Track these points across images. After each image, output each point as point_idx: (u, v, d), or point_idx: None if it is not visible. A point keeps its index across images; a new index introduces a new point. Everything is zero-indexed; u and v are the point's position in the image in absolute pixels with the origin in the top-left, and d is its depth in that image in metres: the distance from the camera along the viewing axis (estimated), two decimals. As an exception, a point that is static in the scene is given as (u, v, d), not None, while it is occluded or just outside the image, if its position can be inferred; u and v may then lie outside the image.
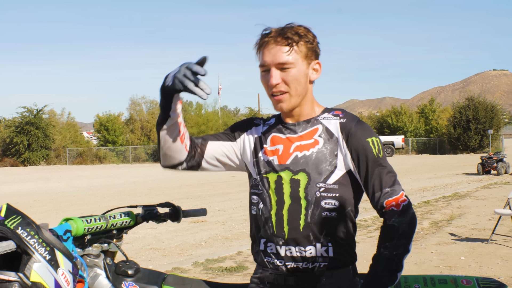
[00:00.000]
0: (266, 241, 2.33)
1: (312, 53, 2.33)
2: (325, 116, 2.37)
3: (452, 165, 34.45)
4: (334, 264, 2.27)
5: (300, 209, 2.26)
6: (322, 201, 2.25)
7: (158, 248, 9.81)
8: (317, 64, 2.36)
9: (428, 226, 11.49)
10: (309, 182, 2.27)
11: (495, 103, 58.87)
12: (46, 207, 16.84)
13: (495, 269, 7.72)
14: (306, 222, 2.25)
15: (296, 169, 2.30)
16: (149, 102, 70.40)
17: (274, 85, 2.28)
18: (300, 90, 2.31)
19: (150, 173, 35.00)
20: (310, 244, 2.25)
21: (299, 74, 2.28)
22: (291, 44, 2.26)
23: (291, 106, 2.33)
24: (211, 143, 2.46)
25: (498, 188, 19.63)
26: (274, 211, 2.30)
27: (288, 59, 2.25)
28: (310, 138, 2.34)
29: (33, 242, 1.94)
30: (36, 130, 56.48)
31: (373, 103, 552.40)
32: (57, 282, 1.96)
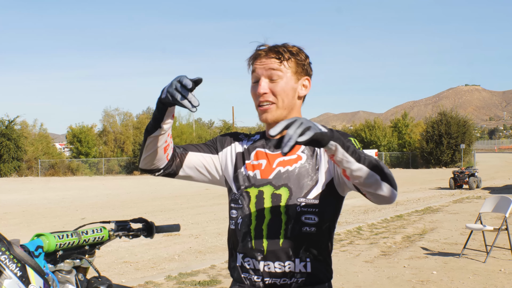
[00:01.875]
0: (244, 256, 2.32)
1: (302, 71, 2.37)
2: None
3: (425, 180, 34.77)
4: (312, 280, 2.26)
5: (280, 223, 2.25)
6: (302, 216, 2.25)
7: (131, 262, 9.73)
8: (306, 80, 2.39)
9: (401, 240, 11.56)
10: (290, 197, 2.27)
11: (467, 118, 59.59)
12: (17, 219, 16.63)
13: (466, 284, 7.79)
14: (285, 237, 2.24)
15: (278, 183, 2.31)
16: (122, 114, 70.12)
17: (262, 94, 2.31)
18: (287, 103, 2.33)
19: (123, 186, 34.80)
20: (289, 259, 2.24)
21: (287, 87, 2.32)
22: (281, 59, 2.31)
23: (276, 118, 2.34)
24: (191, 154, 2.46)
25: (470, 202, 19.82)
26: (253, 226, 2.30)
27: (278, 68, 2.30)
28: (293, 153, 2.35)
29: (4, 259, 1.92)
30: (7, 141, 55.84)
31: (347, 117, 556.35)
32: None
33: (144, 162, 2.41)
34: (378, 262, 9.34)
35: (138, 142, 59.90)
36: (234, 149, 2.49)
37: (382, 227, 13.43)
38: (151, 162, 2.40)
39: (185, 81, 2.02)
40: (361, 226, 13.50)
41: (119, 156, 63.71)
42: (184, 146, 2.48)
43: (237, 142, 2.51)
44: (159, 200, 22.08)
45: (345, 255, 9.90)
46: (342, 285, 7.69)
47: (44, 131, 67.56)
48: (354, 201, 20.59)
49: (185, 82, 2.02)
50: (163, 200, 21.67)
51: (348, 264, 9.06)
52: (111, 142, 66.68)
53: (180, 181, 38.98)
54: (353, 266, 8.94)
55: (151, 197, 24.17)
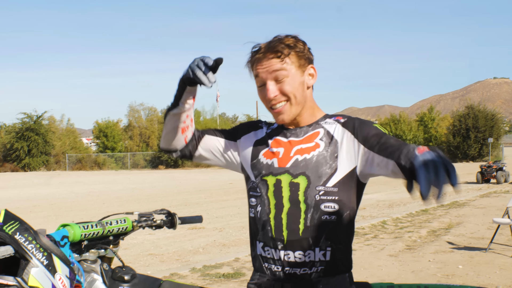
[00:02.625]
0: (264, 245, 2.31)
1: (305, 61, 2.33)
2: (327, 121, 2.38)
3: (451, 174, 34.40)
4: (332, 269, 2.25)
5: (300, 213, 2.24)
6: (321, 205, 2.23)
7: (156, 254, 9.82)
8: (311, 68, 2.37)
9: (426, 234, 11.49)
10: (308, 186, 2.25)
11: (495, 111, 58.86)
12: (45, 212, 16.85)
13: (493, 278, 7.72)
14: (305, 226, 2.23)
15: (296, 172, 2.29)
16: (147, 109, 70.66)
17: (272, 98, 2.29)
18: (300, 99, 2.31)
19: (149, 180, 35.03)
20: (309, 248, 2.23)
21: (295, 83, 2.29)
22: (282, 57, 2.27)
23: (292, 116, 2.34)
24: (208, 137, 2.49)
25: (498, 197, 19.63)
26: (272, 215, 2.29)
27: (281, 68, 2.27)
28: (311, 141, 2.33)
29: (31, 248, 1.97)
30: (36, 136, 56.58)
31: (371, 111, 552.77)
32: (54, 286, 1.98)
33: (164, 141, 2.48)
34: (403, 256, 9.30)
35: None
36: (254, 137, 2.49)
37: (407, 221, 13.36)
38: (169, 142, 2.45)
39: (207, 59, 2.10)
40: (385, 220, 13.44)
41: (145, 151, 64.14)
42: (203, 130, 2.52)
43: (257, 130, 2.51)
44: (183, 194, 22.19)
45: (369, 249, 9.87)
46: (366, 278, 7.68)
47: (71, 126, 68.30)
48: (378, 195, 20.54)
49: (207, 60, 2.10)
50: (187, 194, 21.77)
51: (372, 258, 9.03)
52: (137, 136, 67.17)
53: (204, 175, 39.15)
54: (377, 260, 8.91)
55: (175, 191, 24.29)
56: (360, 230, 11.82)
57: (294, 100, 2.30)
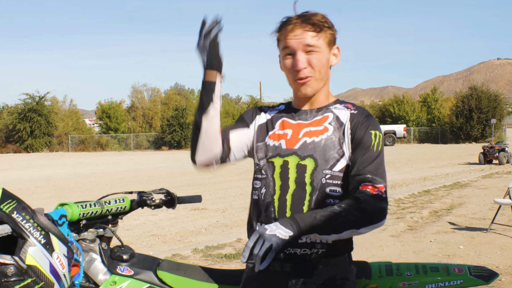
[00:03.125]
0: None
1: (333, 40, 2.38)
2: (337, 106, 2.40)
3: (454, 155, 34.43)
4: (332, 251, 2.26)
5: (305, 195, 2.25)
6: (327, 188, 2.25)
7: (159, 235, 9.85)
8: (336, 49, 2.40)
9: (428, 215, 11.51)
10: (315, 168, 2.26)
11: (499, 92, 58.65)
12: (48, 193, 16.90)
13: (493, 258, 7.74)
14: (309, 208, 2.24)
15: (304, 154, 2.30)
16: (150, 90, 70.65)
17: (301, 69, 2.30)
18: (323, 75, 2.35)
19: (152, 161, 35.09)
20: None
21: (324, 59, 2.32)
22: (318, 30, 2.29)
23: (315, 91, 2.36)
24: (232, 135, 2.43)
25: (500, 177, 19.62)
26: (277, 196, 2.29)
27: (315, 43, 2.29)
28: (320, 124, 2.35)
29: (28, 226, 1.97)
30: (38, 117, 56.57)
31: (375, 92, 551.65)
32: (52, 265, 1.99)
33: (200, 153, 2.38)
34: (405, 236, 9.33)
35: (166, 117, 60.07)
36: (259, 121, 2.49)
37: (409, 202, 13.38)
38: (208, 149, 2.35)
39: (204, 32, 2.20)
40: (388, 200, 13.45)
41: (148, 132, 64.17)
42: (224, 129, 2.44)
43: (262, 113, 2.51)
44: (186, 175, 22.21)
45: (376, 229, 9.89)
46: (367, 258, 7.70)
47: (74, 107, 68.28)
48: (381, 176, 20.52)
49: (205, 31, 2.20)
50: (190, 175, 21.79)
51: (374, 239, 9.05)
52: (140, 117, 67.19)
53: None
54: (379, 240, 8.94)
55: (178, 172, 24.33)
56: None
57: (318, 75, 2.33)
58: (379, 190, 2.19)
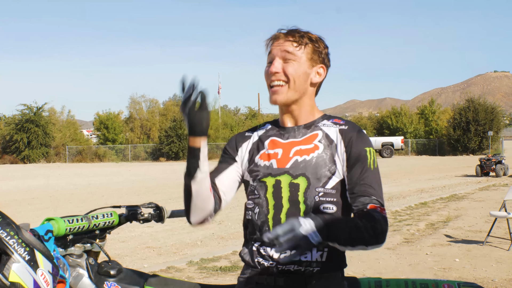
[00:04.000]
0: (260, 245, 2.31)
1: (318, 58, 2.37)
2: (325, 123, 2.39)
3: (451, 167, 34.44)
4: (326, 269, 2.25)
5: (299, 213, 2.25)
6: (320, 206, 2.24)
7: (154, 247, 9.82)
8: (321, 68, 2.40)
9: (424, 227, 11.50)
10: (308, 187, 2.26)
11: (496, 104, 58.79)
12: (44, 204, 16.84)
13: (489, 271, 7.73)
14: None
15: (295, 173, 2.29)
16: (148, 101, 70.56)
17: (274, 73, 2.31)
18: (298, 86, 2.32)
19: (149, 172, 35.04)
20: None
21: (300, 70, 2.32)
22: (300, 42, 2.32)
23: (286, 99, 2.34)
24: (219, 181, 2.43)
25: (496, 190, 19.62)
26: (271, 215, 2.29)
27: (294, 51, 2.31)
28: (310, 143, 2.34)
29: (12, 242, 1.95)
30: (36, 128, 56.48)
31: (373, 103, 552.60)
32: (36, 282, 1.97)
33: (194, 214, 2.41)
34: (401, 249, 9.31)
35: (164, 128, 60.03)
36: (247, 146, 2.48)
37: (406, 214, 13.37)
38: (201, 211, 2.38)
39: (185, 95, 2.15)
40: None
41: (146, 143, 64.11)
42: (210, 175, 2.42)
43: (246, 140, 2.50)
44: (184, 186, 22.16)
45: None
46: (363, 271, 7.68)
47: (72, 118, 68.24)
48: (378, 188, 20.52)
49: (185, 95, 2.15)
50: (188, 187, 21.73)
51: (370, 251, 8.97)
52: (138, 128, 67.14)
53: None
54: (374, 253, 8.91)
55: (176, 183, 24.27)
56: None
57: (292, 85, 2.32)
58: (385, 213, 2.23)
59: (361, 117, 79.41)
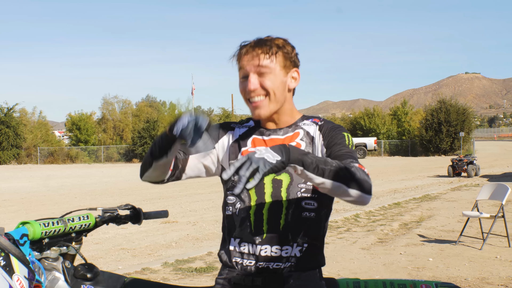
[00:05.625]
0: (240, 241, 2.33)
1: (290, 63, 2.37)
2: (305, 123, 2.43)
3: (424, 167, 34.73)
4: (304, 265, 2.28)
5: (281, 208, 2.28)
6: (302, 202, 2.28)
7: (128, 249, 9.76)
8: (295, 72, 2.40)
9: (398, 227, 11.58)
10: (291, 183, 2.29)
11: (467, 106, 59.35)
12: (16, 206, 16.65)
13: (462, 270, 7.81)
14: (286, 222, 2.27)
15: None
16: (121, 102, 70.21)
17: (252, 90, 2.30)
18: (278, 96, 2.33)
19: (122, 173, 34.81)
20: (288, 243, 2.27)
21: (277, 81, 2.32)
22: (270, 52, 2.30)
23: (269, 112, 2.35)
24: (192, 157, 2.48)
25: (468, 190, 19.82)
26: (253, 211, 2.31)
27: (268, 64, 2.30)
28: (292, 141, 2.37)
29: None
30: (6, 129, 55.77)
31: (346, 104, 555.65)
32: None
33: (147, 178, 2.52)
34: (375, 249, 9.36)
35: (137, 129, 59.69)
36: (229, 138, 2.50)
37: (380, 215, 13.45)
38: (155, 179, 2.50)
39: (201, 121, 2.11)
40: (358, 213, 13.51)
41: (118, 144, 63.72)
42: (184, 149, 2.47)
43: (230, 131, 2.52)
44: (157, 188, 22.03)
45: (341, 242, 9.91)
46: (338, 271, 7.71)
47: (43, 119, 67.53)
48: (352, 188, 20.62)
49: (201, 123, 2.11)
50: (161, 188, 21.65)
51: (344, 251, 9.08)
52: (110, 129, 66.72)
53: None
54: (349, 253, 8.96)
55: (149, 185, 23.93)
56: (333, 224, 11.87)
57: (273, 97, 2.32)
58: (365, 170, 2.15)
59: (334, 118, 79.78)
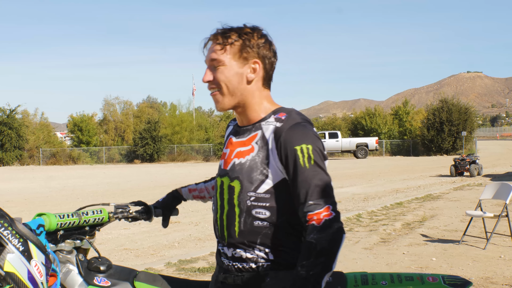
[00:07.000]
0: (218, 241, 2.39)
1: (251, 53, 2.28)
2: (268, 121, 2.29)
3: (426, 167, 34.70)
4: (277, 266, 2.24)
5: (235, 216, 2.26)
6: (252, 210, 2.22)
7: (131, 249, 9.78)
8: (256, 63, 2.29)
9: (400, 227, 11.59)
10: (241, 190, 2.25)
11: (469, 105, 59.26)
12: (19, 207, 16.68)
13: (466, 270, 7.82)
14: (239, 229, 2.25)
15: (233, 175, 2.29)
16: (122, 103, 70.31)
17: (205, 82, 2.31)
18: (232, 89, 2.28)
19: (124, 174, 34.84)
20: (247, 249, 2.26)
21: (229, 73, 2.26)
22: (224, 43, 2.26)
23: (226, 106, 2.31)
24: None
25: (471, 189, 19.82)
26: (218, 215, 2.34)
27: (218, 57, 2.26)
28: (249, 144, 2.30)
29: (6, 234, 1.97)
30: (9, 130, 55.78)
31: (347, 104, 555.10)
32: (30, 272, 1.99)
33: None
34: (377, 249, 9.37)
35: (138, 130, 59.69)
36: (225, 137, 2.55)
37: (382, 214, 13.46)
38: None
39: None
40: (361, 213, 13.52)
41: (120, 145, 63.76)
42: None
43: (227, 129, 2.56)
44: (159, 188, 22.08)
45: (344, 242, 9.90)
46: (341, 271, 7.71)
47: (45, 120, 67.54)
48: (354, 188, 20.65)
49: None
50: (163, 188, 21.65)
51: (347, 251, 9.09)
52: (112, 130, 66.79)
53: (180, 170, 39.02)
54: (352, 253, 8.98)
55: (151, 185, 24.21)
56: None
57: (225, 90, 2.28)
58: (325, 216, 2.10)
59: (335, 118, 79.66)
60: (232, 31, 2.28)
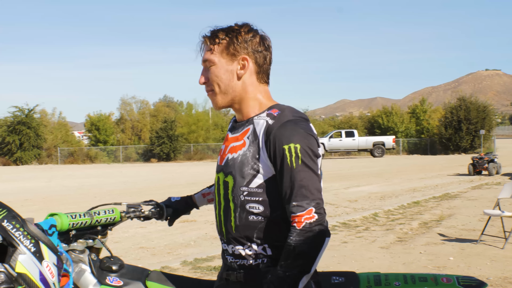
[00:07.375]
0: (220, 239, 2.41)
1: (238, 49, 2.29)
2: (261, 116, 2.30)
3: (443, 166, 34.50)
4: (277, 262, 2.23)
5: (230, 211, 2.29)
6: (246, 205, 2.24)
7: (147, 247, 9.81)
8: (244, 59, 2.30)
9: (418, 226, 11.53)
10: (234, 185, 2.26)
11: (487, 103, 58.83)
12: (37, 206, 16.81)
13: (484, 270, 7.75)
14: (235, 224, 2.28)
15: (226, 171, 2.32)
16: (139, 102, 70.53)
17: (201, 84, 2.37)
18: (224, 87, 2.31)
19: (141, 173, 34.98)
20: (245, 245, 2.27)
21: (220, 72, 2.30)
22: (211, 43, 2.30)
23: (220, 105, 2.36)
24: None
25: (489, 188, 19.68)
26: (217, 211, 2.38)
27: (208, 57, 2.31)
28: (241, 139, 2.32)
29: (18, 235, 1.98)
30: (27, 130, 56.26)
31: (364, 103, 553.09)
32: (41, 273, 1.99)
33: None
34: (394, 248, 9.33)
35: (154, 129, 59.91)
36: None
37: (399, 213, 13.40)
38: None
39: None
40: (377, 212, 13.47)
41: (137, 144, 64.02)
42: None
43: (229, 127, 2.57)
44: (175, 187, 22.16)
45: (360, 241, 9.89)
46: (357, 270, 7.65)
47: (63, 120, 68.04)
48: (370, 187, 20.57)
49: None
50: (179, 188, 21.74)
51: (363, 250, 9.05)
52: (129, 130, 67.04)
53: (196, 168, 39.11)
54: (368, 252, 8.94)
55: (167, 184, 24.27)
56: (351, 223, 11.85)
57: (217, 89, 2.32)
58: (306, 219, 2.10)
59: (352, 116, 79.41)
60: (220, 30, 2.33)
